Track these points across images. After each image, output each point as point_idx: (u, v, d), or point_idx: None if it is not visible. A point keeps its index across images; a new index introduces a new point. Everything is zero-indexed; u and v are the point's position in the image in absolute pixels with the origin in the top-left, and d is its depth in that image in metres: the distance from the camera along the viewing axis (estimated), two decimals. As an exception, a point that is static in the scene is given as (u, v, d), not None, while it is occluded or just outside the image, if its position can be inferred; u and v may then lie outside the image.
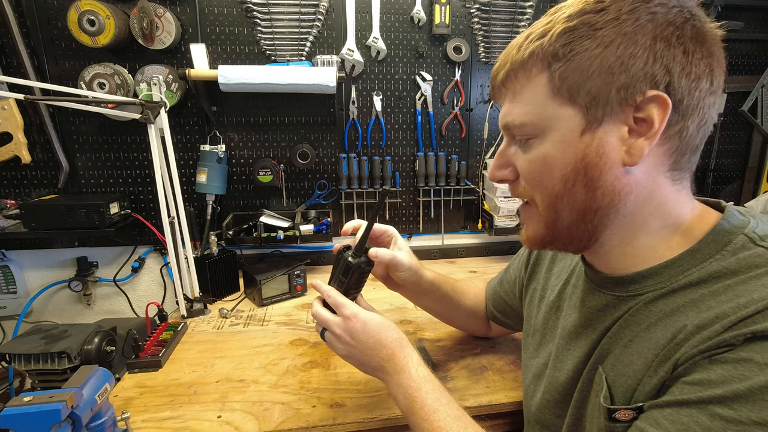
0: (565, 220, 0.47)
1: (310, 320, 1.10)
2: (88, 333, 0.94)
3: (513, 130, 0.48)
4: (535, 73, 0.45)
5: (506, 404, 0.78)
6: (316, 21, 1.34)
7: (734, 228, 0.44)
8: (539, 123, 0.45)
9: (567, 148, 0.44)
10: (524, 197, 0.51)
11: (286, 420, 0.72)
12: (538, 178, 0.47)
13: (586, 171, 0.44)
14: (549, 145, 0.45)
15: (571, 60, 0.42)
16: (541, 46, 0.44)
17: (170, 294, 1.49)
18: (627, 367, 0.46)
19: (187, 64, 1.30)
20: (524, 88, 0.46)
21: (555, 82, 0.43)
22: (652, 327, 0.44)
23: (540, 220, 0.49)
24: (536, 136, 0.46)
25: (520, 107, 0.46)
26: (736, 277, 0.40)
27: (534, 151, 0.47)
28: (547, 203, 0.47)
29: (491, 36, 1.45)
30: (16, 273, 1.39)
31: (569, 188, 0.45)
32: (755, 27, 1.60)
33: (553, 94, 0.44)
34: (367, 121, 1.46)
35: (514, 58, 0.46)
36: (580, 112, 0.43)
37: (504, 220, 1.46)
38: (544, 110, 0.45)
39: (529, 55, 0.45)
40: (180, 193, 1.10)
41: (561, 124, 0.44)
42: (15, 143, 1.26)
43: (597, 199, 0.45)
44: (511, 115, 0.47)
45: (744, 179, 1.72)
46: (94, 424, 0.59)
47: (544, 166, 0.46)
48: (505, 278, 0.83)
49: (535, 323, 0.68)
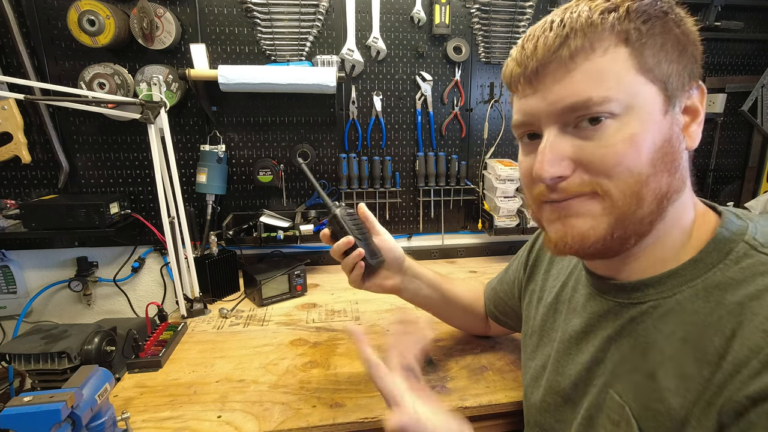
0: (646, 209, 0.43)
1: (310, 320, 1.10)
2: (88, 333, 0.94)
3: (588, 109, 0.41)
4: (611, 47, 0.41)
5: (506, 404, 0.77)
6: (316, 21, 1.34)
7: (734, 235, 0.43)
8: (624, 99, 0.41)
9: (654, 127, 0.42)
10: (582, 191, 0.44)
11: (286, 420, 0.72)
12: (621, 162, 0.41)
13: (670, 152, 0.43)
14: (637, 124, 0.41)
15: (653, 38, 0.41)
16: (617, 19, 0.41)
17: (170, 294, 1.49)
18: (658, 404, 0.42)
19: (187, 64, 1.30)
20: (600, 61, 0.41)
21: (638, 59, 0.41)
22: (671, 351, 0.42)
23: (610, 213, 0.43)
24: (616, 115, 0.41)
25: (597, 82, 0.41)
26: (745, 289, 0.39)
27: (613, 132, 0.41)
28: (631, 191, 0.42)
29: (491, 36, 1.45)
30: (16, 273, 1.39)
31: (657, 171, 0.42)
32: (755, 27, 1.60)
33: (637, 70, 0.41)
34: (367, 121, 1.46)
35: (584, 26, 0.41)
36: (661, 91, 0.42)
37: (504, 220, 1.46)
38: (629, 86, 0.41)
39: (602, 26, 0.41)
40: (180, 193, 1.10)
41: (647, 101, 0.41)
42: (15, 143, 1.26)
43: (674, 183, 0.43)
44: (586, 91, 0.41)
45: (744, 179, 1.72)
46: (94, 424, 0.59)
47: (631, 148, 0.41)
48: (504, 278, 0.83)
49: (533, 325, 0.68)
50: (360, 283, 0.77)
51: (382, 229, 0.79)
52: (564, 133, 0.44)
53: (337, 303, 1.20)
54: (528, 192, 0.50)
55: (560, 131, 0.44)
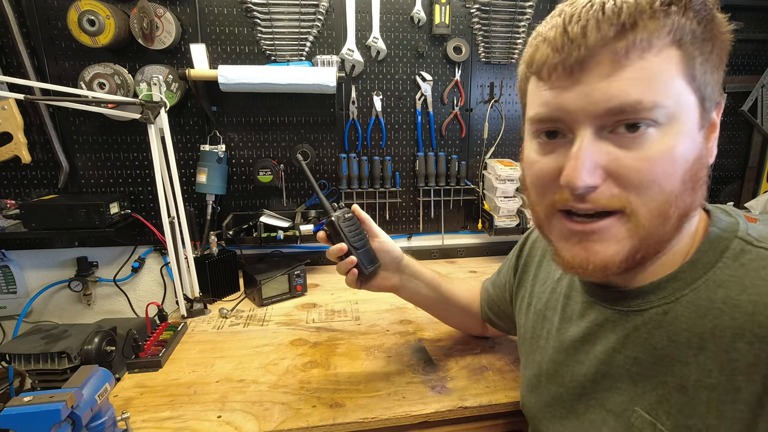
0: (669, 228, 0.40)
1: (310, 320, 1.10)
2: (88, 333, 0.94)
3: (637, 113, 0.37)
4: (666, 46, 0.36)
5: (506, 404, 0.77)
6: (316, 21, 1.34)
7: (725, 232, 0.42)
8: (672, 108, 0.37)
9: (692, 143, 0.38)
10: (612, 205, 0.40)
11: (286, 420, 0.72)
12: (655, 179, 0.38)
13: (699, 169, 0.40)
14: (677, 138, 0.37)
15: (708, 45, 0.37)
16: (678, 18, 0.36)
17: (170, 294, 1.49)
18: (693, 420, 0.39)
19: (187, 64, 1.30)
20: (654, 60, 0.36)
21: (693, 66, 0.37)
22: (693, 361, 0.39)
23: (634, 235, 0.40)
24: (660, 124, 0.37)
25: (648, 84, 0.36)
26: (753, 287, 0.37)
27: (653, 143, 0.37)
28: (658, 210, 0.39)
29: (491, 36, 1.45)
30: (16, 273, 1.39)
31: (686, 190, 0.39)
32: (755, 27, 1.60)
33: (683, 76, 0.37)
34: (367, 121, 1.46)
35: (643, 19, 0.36)
36: (700, 102, 0.39)
37: (504, 220, 1.46)
38: (678, 93, 0.37)
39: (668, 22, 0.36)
40: (180, 193, 1.10)
41: (688, 114, 0.38)
42: (15, 143, 1.26)
43: (696, 201, 0.41)
44: (636, 93, 0.36)
45: (744, 179, 1.72)
46: (94, 424, 0.59)
47: (669, 163, 0.37)
48: (496, 282, 0.83)
49: (524, 332, 0.66)
50: (356, 285, 0.77)
51: (379, 231, 0.79)
52: (600, 138, 0.39)
53: (337, 303, 1.20)
54: (539, 196, 0.45)
55: (596, 135, 0.39)
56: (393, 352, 0.93)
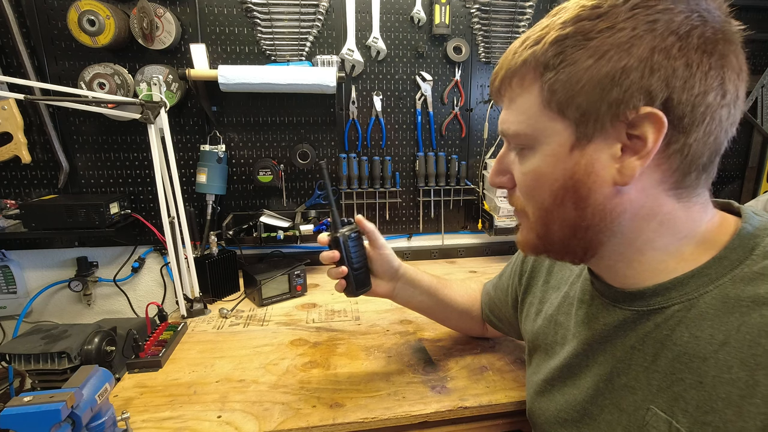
0: (556, 235, 0.46)
1: (310, 320, 1.10)
2: (88, 333, 0.94)
3: (508, 138, 0.48)
4: (529, 82, 0.43)
5: (506, 404, 0.77)
6: (316, 21, 1.34)
7: (758, 231, 0.42)
8: (532, 134, 0.44)
9: (557, 164, 0.43)
10: (519, 207, 0.50)
11: (286, 420, 0.72)
12: (530, 192, 0.46)
13: (575, 189, 0.42)
14: (540, 159, 0.44)
15: (561, 71, 0.40)
16: (534, 54, 0.42)
17: (170, 294, 1.49)
18: (710, 416, 0.39)
19: (187, 64, 1.30)
20: (519, 96, 0.44)
21: (545, 93, 0.41)
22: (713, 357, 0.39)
23: (531, 231, 0.49)
24: (530, 148, 0.45)
25: (515, 115, 0.45)
26: None
27: (527, 163, 0.46)
28: (537, 217, 0.47)
29: (491, 36, 1.45)
30: (16, 273, 1.39)
31: (558, 204, 0.44)
32: (755, 27, 1.59)
33: (544, 105, 0.42)
34: (367, 121, 1.46)
35: (509, 64, 0.44)
36: (570, 126, 0.41)
37: (504, 220, 1.46)
38: (536, 122, 0.43)
39: (522, 62, 0.43)
40: (180, 193, 1.10)
41: (552, 138, 0.43)
42: (15, 143, 1.26)
43: (587, 217, 0.43)
44: (507, 123, 0.46)
45: (744, 179, 1.72)
46: (94, 424, 0.59)
47: (535, 180, 0.45)
48: (498, 285, 0.82)
49: (534, 338, 0.66)
50: (345, 294, 0.79)
51: (383, 243, 0.79)
52: (510, 150, 0.49)
53: (337, 303, 1.20)
54: None
55: (508, 147, 0.50)
56: (393, 352, 0.93)
